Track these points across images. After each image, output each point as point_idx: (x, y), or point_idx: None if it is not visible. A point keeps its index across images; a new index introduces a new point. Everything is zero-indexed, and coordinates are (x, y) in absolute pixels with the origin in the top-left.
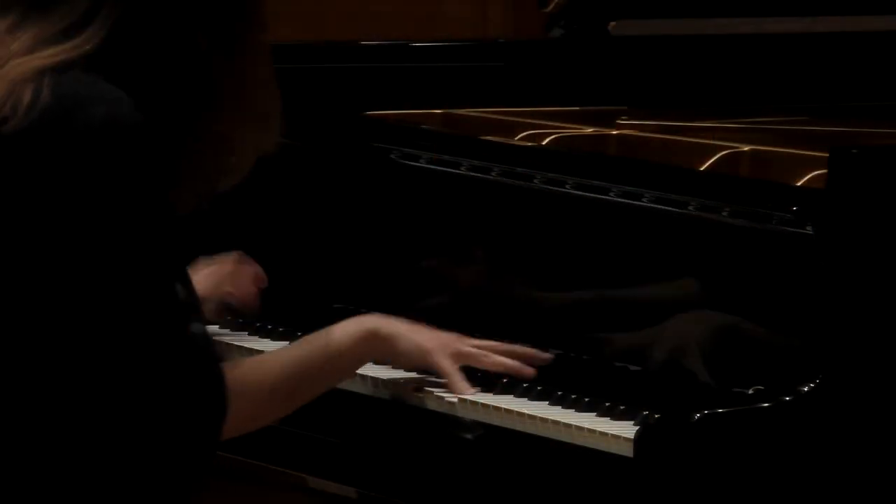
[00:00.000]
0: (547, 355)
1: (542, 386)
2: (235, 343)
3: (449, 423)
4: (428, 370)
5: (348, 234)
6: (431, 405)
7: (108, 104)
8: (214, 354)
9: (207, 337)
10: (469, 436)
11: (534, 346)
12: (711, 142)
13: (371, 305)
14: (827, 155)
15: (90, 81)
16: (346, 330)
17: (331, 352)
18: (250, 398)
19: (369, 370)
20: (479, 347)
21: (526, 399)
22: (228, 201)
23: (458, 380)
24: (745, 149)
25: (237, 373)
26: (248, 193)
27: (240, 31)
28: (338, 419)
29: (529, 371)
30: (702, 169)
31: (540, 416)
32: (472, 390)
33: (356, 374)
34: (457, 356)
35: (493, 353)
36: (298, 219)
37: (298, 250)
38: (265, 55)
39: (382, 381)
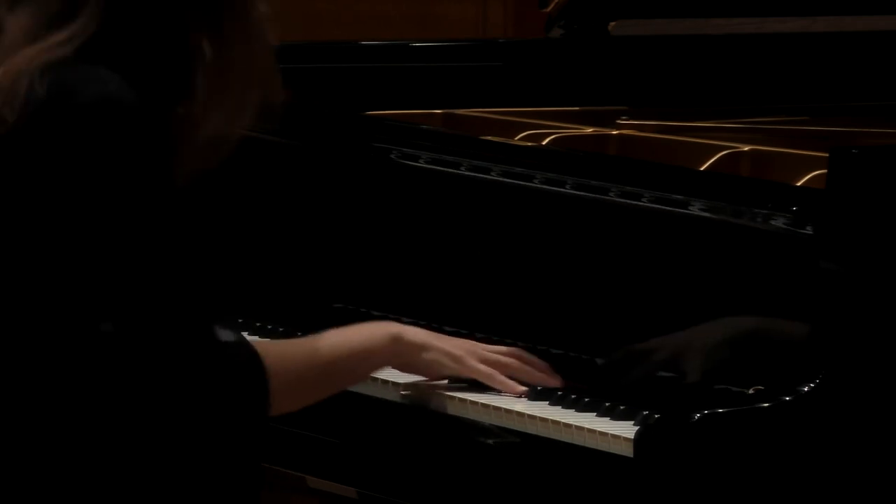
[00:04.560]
0: (556, 377)
1: (541, 386)
2: None
3: (448, 423)
4: (460, 377)
5: (348, 234)
6: (430, 405)
7: (98, 84)
8: (240, 336)
9: (228, 317)
10: (469, 436)
11: (534, 345)
12: (711, 142)
13: (371, 305)
14: (827, 155)
15: (81, 69)
16: (373, 333)
17: (361, 353)
18: (277, 383)
19: None
20: (497, 353)
21: (526, 399)
22: (229, 201)
23: (503, 380)
24: (745, 149)
25: (268, 355)
26: (249, 193)
27: (229, 18)
28: (337, 419)
29: (557, 381)
30: (702, 169)
31: (540, 416)
32: (522, 388)
33: None
34: (486, 362)
35: (519, 362)
36: (298, 219)
37: (298, 250)
38: (257, 44)
39: (382, 381)
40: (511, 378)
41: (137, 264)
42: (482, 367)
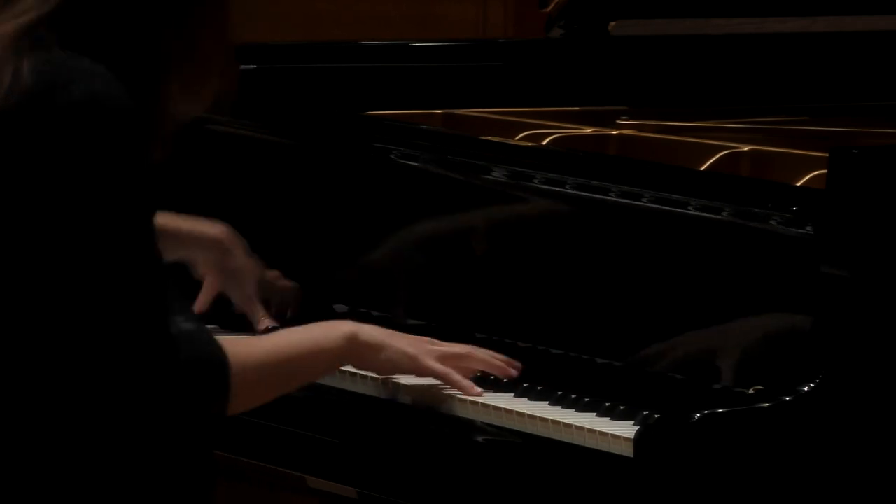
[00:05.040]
0: (517, 365)
1: (542, 386)
2: None
3: (448, 423)
4: (417, 375)
5: (348, 234)
6: (430, 404)
7: (88, 80)
8: (205, 331)
9: (192, 313)
10: (469, 436)
11: (534, 345)
12: (711, 142)
13: (371, 305)
14: (827, 155)
15: (68, 59)
16: (328, 332)
17: (316, 351)
18: (238, 380)
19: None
20: (452, 352)
21: (526, 399)
22: (229, 201)
23: (459, 378)
24: (745, 149)
25: (233, 349)
26: (249, 193)
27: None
28: (338, 419)
29: (513, 372)
30: (702, 169)
31: (540, 416)
32: (478, 389)
33: (356, 374)
34: (441, 359)
35: (474, 354)
36: (298, 219)
37: (298, 250)
38: (223, 30)
39: (382, 381)
40: (471, 367)
41: (113, 261)
42: (438, 366)
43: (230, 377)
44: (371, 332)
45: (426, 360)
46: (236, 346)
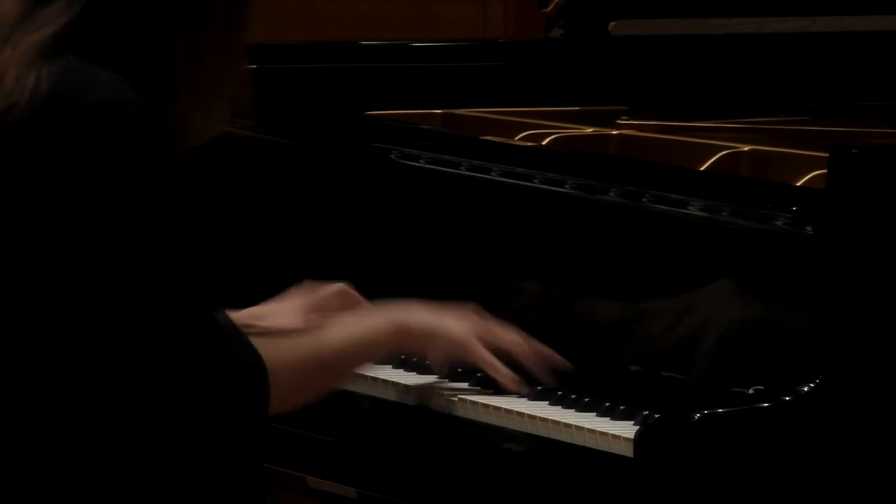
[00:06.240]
0: (567, 364)
1: (542, 386)
2: None
3: (449, 423)
4: (465, 360)
5: (348, 235)
6: (430, 404)
7: (105, 89)
8: (241, 333)
9: (227, 316)
10: (469, 435)
11: None
12: (711, 142)
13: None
14: (827, 155)
15: (85, 69)
16: (377, 324)
17: (363, 345)
18: (281, 381)
19: (369, 370)
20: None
21: (526, 399)
22: (229, 201)
23: (506, 372)
24: (745, 149)
25: (267, 354)
26: (250, 193)
27: (212, 13)
28: (337, 419)
29: (550, 378)
30: (702, 169)
31: (540, 416)
32: (519, 384)
33: (356, 374)
34: (488, 343)
35: (523, 347)
36: (298, 219)
37: (299, 250)
38: (232, 43)
39: (382, 381)
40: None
41: (143, 267)
42: (487, 355)
43: (268, 390)
44: (419, 321)
45: (476, 348)
46: (282, 348)
